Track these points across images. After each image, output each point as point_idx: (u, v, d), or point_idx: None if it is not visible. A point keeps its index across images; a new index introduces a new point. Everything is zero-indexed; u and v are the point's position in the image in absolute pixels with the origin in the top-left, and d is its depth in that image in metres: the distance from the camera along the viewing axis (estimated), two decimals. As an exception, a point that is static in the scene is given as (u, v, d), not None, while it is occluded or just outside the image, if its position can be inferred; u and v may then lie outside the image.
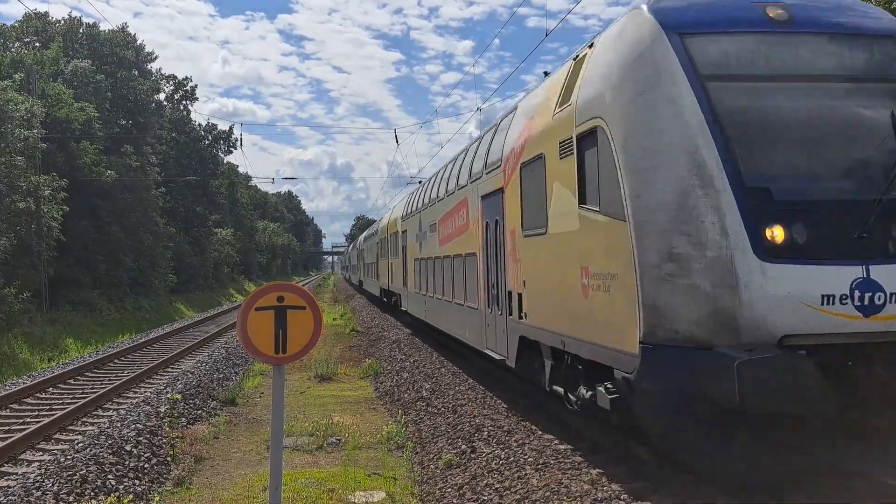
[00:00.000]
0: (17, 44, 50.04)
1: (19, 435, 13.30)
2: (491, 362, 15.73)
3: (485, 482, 9.31)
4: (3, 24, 51.92)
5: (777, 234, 7.12)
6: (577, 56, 9.93)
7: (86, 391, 18.84)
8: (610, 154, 8.15)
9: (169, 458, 11.77)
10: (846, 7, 8.61)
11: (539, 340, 11.16)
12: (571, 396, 10.05)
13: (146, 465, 11.22)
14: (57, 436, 14.17)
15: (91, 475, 10.28)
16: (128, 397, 17.97)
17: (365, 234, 52.26)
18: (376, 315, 39.69)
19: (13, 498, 9.30)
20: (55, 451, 12.58)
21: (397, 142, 49.72)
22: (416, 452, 11.77)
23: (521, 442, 10.78)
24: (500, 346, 13.71)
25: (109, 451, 11.38)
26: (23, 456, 12.66)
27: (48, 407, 16.88)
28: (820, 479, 7.51)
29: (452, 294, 17.97)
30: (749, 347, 6.90)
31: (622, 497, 8.24)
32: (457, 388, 15.57)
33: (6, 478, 11.24)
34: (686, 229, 7.23)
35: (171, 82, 70.17)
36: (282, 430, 6.48)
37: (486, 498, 8.78)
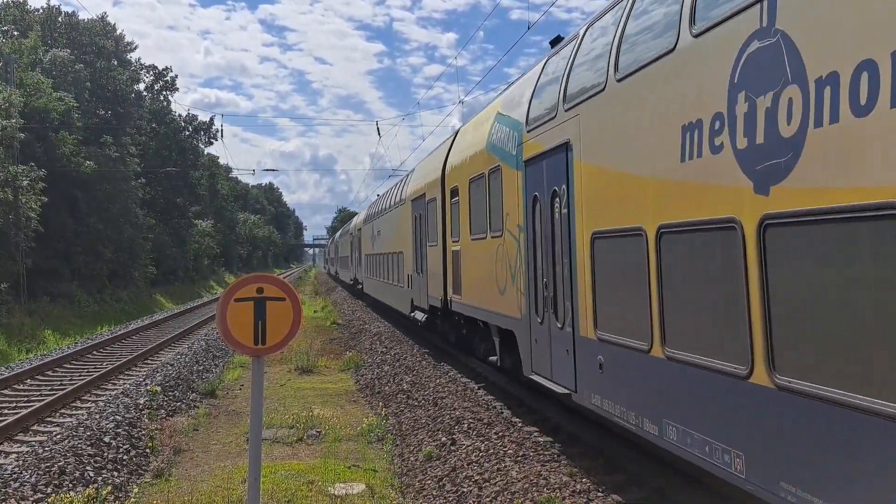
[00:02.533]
0: (-6, 32, 49.51)
1: (-4, 427, 13.21)
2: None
3: (465, 474, 9.36)
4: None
5: None
6: None
7: (64, 383, 18.72)
8: None
9: (148, 450, 11.74)
10: None
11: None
12: None
13: (125, 457, 11.18)
14: (35, 427, 14.09)
15: (69, 467, 10.24)
16: (107, 389, 17.88)
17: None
18: (357, 308, 39.68)
19: (-10, 490, 9.25)
20: (33, 443, 12.51)
21: (379, 134, 49.37)
22: (397, 445, 11.81)
23: (500, 434, 10.84)
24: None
25: (88, 443, 11.34)
26: (0, 448, 12.58)
27: (26, 398, 16.77)
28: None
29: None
30: None
31: (600, 489, 8.32)
32: (437, 381, 15.61)
33: (-17, 470, 11.18)
34: None
35: (150, 72, 69.63)
36: (261, 421, 6.48)
37: (465, 489, 8.83)
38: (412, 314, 21.90)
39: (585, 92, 8.72)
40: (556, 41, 11.49)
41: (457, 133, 17.91)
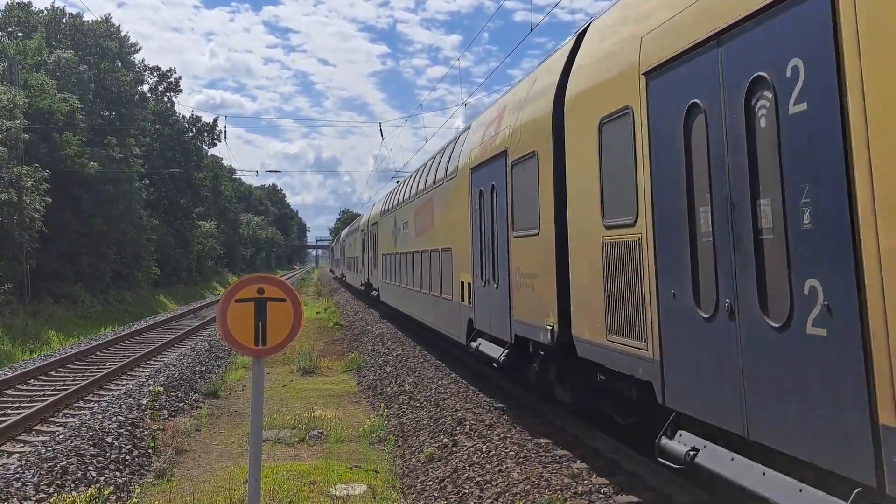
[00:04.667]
0: (-1, 33, 49.65)
1: (-1, 427, 13.25)
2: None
3: (466, 475, 9.36)
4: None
5: None
6: None
7: (67, 383, 18.75)
8: None
9: (150, 450, 11.75)
10: None
11: None
12: None
13: (127, 457, 11.20)
14: (38, 427, 14.12)
15: (72, 467, 10.26)
16: (109, 389, 17.91)
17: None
18: (360, 309, 39.68)
19: (-7, 489, 9.27)
20: (36, 443, 12.54)
21: (382, 136, 49.49)
22: (398, 446, 11.81)
23: (502, 436, 10.84)
24: None
25: (90, 443, 11.35)
26: (3, 447, 12.61)
27: (29, 398, 16.80)
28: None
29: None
30: None
31: (602, 491, 8.32)
32: (439, 382, 15.61)
33: (-14, 469, 11.20)
34: None
35: (154, 74, 69.82)
36: (261, 422, 6.49)
37: (467, 491, 8.82)
38: None
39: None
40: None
41: None
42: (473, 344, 14.03)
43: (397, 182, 31.42)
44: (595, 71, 8.58)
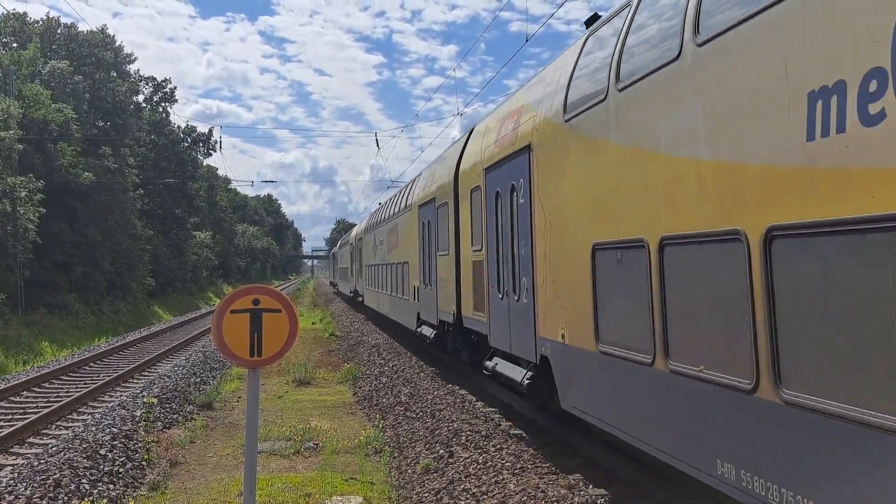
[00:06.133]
0: (-6, 44, 49.66)
1: (-8, 439, 13.15)
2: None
3: (462, 487, 9.30)
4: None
5: None
6: None
7: (60, 395, 18.65)
8: None
9: (144, 463, 11.66)
10: None
11: None
12: None
13: (121, 470, 11.11)
14: (31, 439, 14.02)
15: (65, 479, 10.17)
16: (103, 401, 17.81)
17: None
18: (356, 320, 39.61)
19: (-16, 502, 9.19)
20: (29, 455, 12.44)
21: (378, 146, 49.41)
22: (394, 457, 11.74)
23: (498, 447, 10.79)
24: None
25: (84, 456, 11.26)
26: (-5, 460, 12.52)
27: (22, 411, 16.70)
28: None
29: None
30: None
31: (599, 502, 8.27)
32: (435, 393, 15.55)
33: (-22, 482, 11.10)
34: None
35: (149, 84, 69.71)
36: (256, 434, 6.44)
37: (463, 503, 8.76)
38: None
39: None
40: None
41: None
42: None
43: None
44: None
